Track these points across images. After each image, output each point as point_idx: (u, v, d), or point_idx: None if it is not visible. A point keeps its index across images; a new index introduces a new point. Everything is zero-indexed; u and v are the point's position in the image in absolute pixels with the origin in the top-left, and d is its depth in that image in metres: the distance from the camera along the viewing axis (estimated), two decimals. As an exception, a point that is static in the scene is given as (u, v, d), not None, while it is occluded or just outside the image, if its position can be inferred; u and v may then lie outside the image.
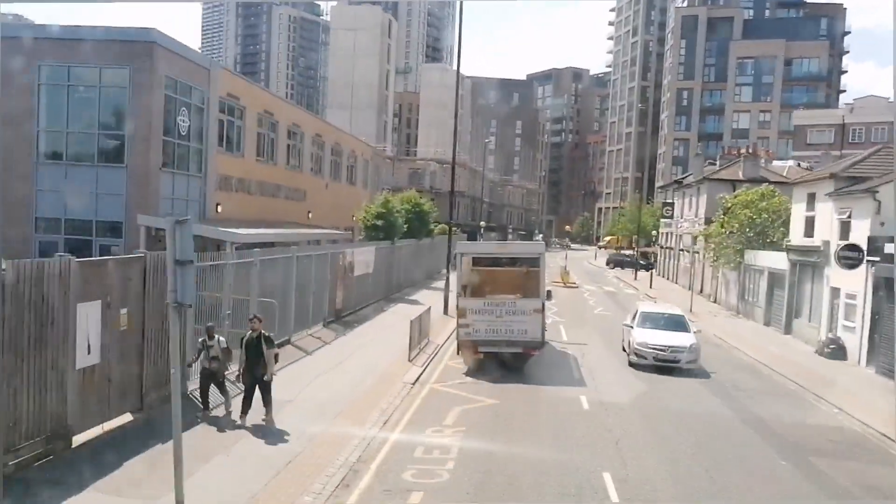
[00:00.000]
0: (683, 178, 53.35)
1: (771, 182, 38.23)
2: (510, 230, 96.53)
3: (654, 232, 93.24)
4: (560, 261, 74.32)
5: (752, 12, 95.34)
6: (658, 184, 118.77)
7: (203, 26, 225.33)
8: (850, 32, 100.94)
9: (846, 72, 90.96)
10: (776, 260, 30.10)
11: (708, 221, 43.23)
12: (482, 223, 46.29)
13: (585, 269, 67.09)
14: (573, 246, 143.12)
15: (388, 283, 32.93)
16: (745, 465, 12.67)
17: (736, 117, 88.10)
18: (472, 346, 18.62)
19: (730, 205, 35.40)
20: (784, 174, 44.88)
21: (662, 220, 55.18)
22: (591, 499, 10.57)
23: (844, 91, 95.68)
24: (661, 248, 56.42)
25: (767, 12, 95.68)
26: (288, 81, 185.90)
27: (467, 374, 18.86)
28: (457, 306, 19.19)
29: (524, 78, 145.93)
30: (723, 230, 34.92)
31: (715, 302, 40.31)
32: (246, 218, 26.87)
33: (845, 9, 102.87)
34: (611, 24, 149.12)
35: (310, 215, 34.29)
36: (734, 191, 42.74)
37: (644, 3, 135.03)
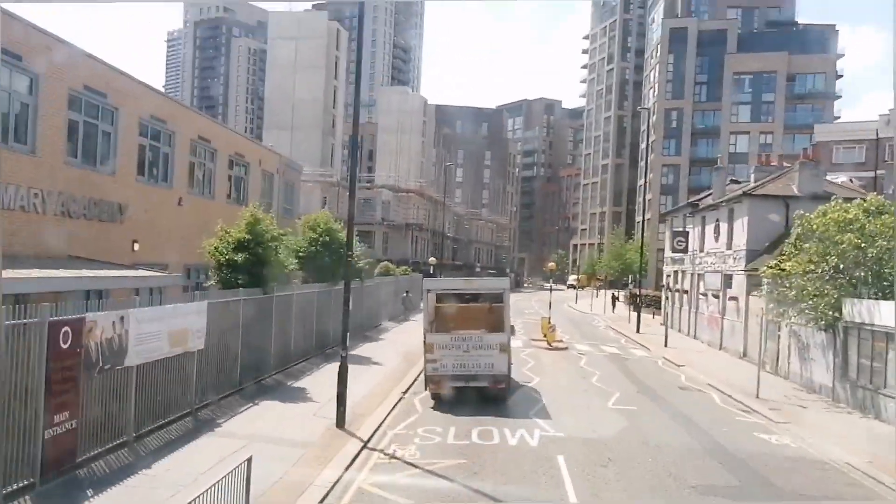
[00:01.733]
0: (699, 200, 40.06)
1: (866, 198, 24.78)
2: (478, 268, 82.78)
3: (649, 269, 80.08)
4: (537, 305, 60.37)
5: (738, 30, 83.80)
6: (639, 218, 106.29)
7: (167, 64, 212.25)
8: (843, 55, 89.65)
9: (840, 97, 79.28)
10: (940, 320, 16.39)
11: (753, 255, 29.71)
12: (432, 259, 32.45)
13: (567, 314, 53.31)
14: (546, 286, 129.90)
15: (256, 361, 18.70)
16: None
17: (733, 139, 75.82)
18: (440, 381, 18.33)
19: (814, 227, 21.72)
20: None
21: (672, 254, 41.70)
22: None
23: (839, 118, 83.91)
24: (669, 290, 42.90)
25: (755, 30, 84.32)
26: (247, 115, 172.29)
27: None
28: (424, 342, 18.89)
29: (493, 107, 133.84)
30: (812, 266, 21.09)
31: (776, 374, 26.42)
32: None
33: (837, 31, 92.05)
34: (584, 52, 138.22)
35: (136, 246, 20.04)
36: (787, 210, 29.47)
37: (620, 29, 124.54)
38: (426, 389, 18.82)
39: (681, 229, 40.30)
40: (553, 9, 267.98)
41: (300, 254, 25.39)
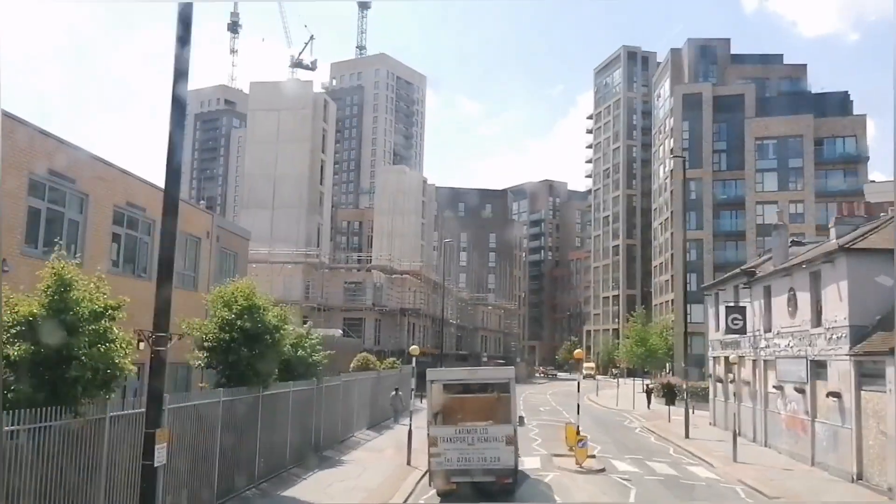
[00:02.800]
0: (755, 267, 31.35)
1: None
2: (485, 358, 73.33)
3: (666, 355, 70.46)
4: (554, 399, 50.88)
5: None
6: (657, 300, 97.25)
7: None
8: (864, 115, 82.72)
9: (868, 157, 71.94)
10: None
11: (859, 332, 20.79)
12: (413, 348, 23.55)
13: (591, 412, 43.66)
14: (560, 375, 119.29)
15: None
16: None
17: (760, 210, 67.85)
18: (444, 475, 17.16)
19: None
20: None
21: (722, 336, 32.69)
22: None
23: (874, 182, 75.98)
24: (721, 381, 33.68)
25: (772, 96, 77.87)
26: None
27: None
28: (428, 434, 17.61)
29: (497, 189, 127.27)
30: None
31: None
32: None
33: (852, 100, 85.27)
34: (589, 132, 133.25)
35: None
36: (902, 269, 20.82)
37: (624, 108, 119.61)
38: (430, 486, 17.93)
39: (734, 304, 31.39)
40: (554, 100, 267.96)
41: (206, 343, 16.78)
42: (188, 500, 13.45)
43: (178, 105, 10.53)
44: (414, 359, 24.60)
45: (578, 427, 22.74)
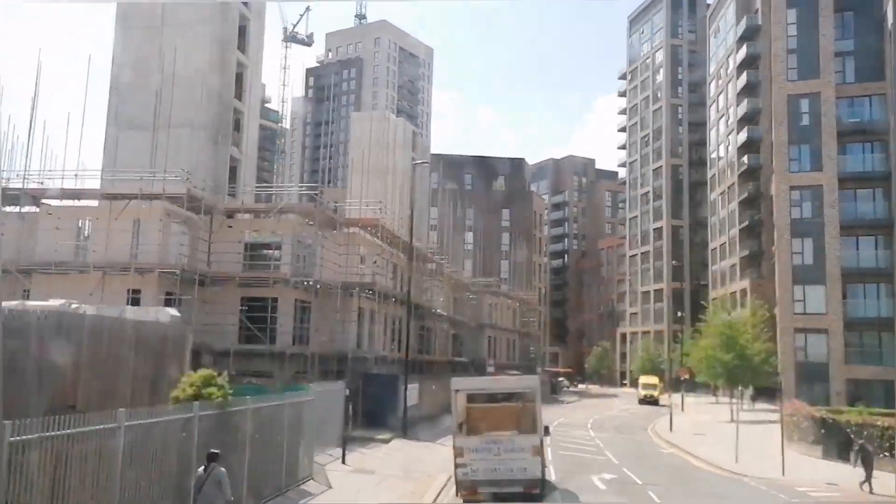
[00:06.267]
0: None
1: None
2: (491, 367, 48.20)
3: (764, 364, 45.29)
4: (599, 436, 26.16)
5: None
6: (719, 292, 71.43)
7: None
8: None
9: None
10: None
11: None
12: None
13: (702, 483, 18.60)
14: (590, 389, 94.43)
15: None
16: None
17: (919, 135, 42.16)
18: (471, 486, 16.75)
19: None
20: None
21: None
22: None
23: None
24: None
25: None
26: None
27: None
28: (454, 445, 17.13)
29: (512, 158, 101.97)
30: None
31: None
32: None
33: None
34: (621, 94, 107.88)
35: None
36: None
37: (668, 57, 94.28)
38: (457, 496, 17.33)
39: None
40: (571, 108, 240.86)
41: None
42: None
43: None
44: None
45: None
